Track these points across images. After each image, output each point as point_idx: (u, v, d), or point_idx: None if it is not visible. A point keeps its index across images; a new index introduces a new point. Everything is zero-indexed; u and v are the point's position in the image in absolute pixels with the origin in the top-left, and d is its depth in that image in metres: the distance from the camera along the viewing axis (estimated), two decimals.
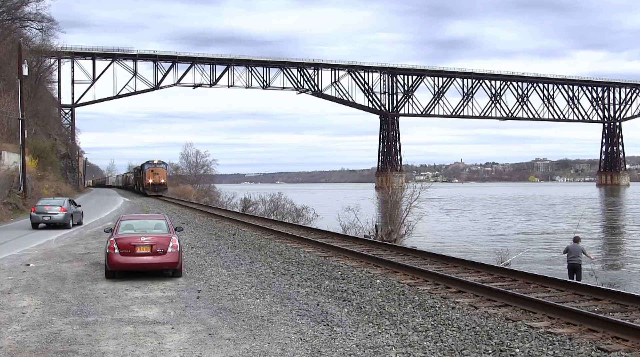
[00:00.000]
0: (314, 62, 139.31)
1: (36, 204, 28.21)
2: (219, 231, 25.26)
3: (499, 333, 8.67)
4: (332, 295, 11.67)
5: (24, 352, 8.06)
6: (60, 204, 27.67)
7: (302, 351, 7.96)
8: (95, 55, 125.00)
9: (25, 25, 70.70)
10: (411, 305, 10.65)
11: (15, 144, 45.12)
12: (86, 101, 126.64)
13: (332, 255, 17.52)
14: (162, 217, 15.75)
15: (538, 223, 49.88)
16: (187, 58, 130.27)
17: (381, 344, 8.24)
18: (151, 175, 67.88)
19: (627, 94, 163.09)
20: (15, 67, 47.04)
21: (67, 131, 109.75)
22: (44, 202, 28.17)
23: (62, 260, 17.04)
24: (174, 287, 12.71)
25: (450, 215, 60.02)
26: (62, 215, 27.04)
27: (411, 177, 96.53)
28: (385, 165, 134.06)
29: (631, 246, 34.87)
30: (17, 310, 10.65)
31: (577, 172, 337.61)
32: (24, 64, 41.41)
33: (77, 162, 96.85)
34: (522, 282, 12.75)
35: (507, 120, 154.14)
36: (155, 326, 9.41)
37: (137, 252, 13.47)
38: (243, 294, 11.79)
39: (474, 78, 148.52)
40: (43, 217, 26.90)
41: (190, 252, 18.21)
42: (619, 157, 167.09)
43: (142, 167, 70.90)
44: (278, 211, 43.75)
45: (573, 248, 18.41)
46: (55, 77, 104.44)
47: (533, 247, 31.19)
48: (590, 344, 8.08)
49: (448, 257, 16.55)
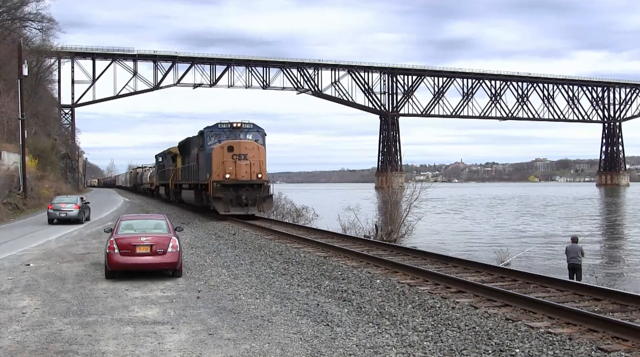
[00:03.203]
0: (314, 62, 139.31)
1: (52, 202, 31.40)
2: (219, 231, 25.25)
3: (499, 333, 8.67)
4: (332, 295, 11.66)
5: (24, 352, 8.06)
6: (74, 202, 30.99)
7: (302, 351, 7.96)
8: (95, 55, 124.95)
9: (25, 25, 70.70)
10: (411, 305, 10.65)
11: (15, 144, 45.12)
12: (86, 101, 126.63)
13: (332, 255, 17.51)
14: (162, 217, 15.77)
15: (538, 223, 49.87)
16: (187, 58, 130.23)
17: (381, 344, 8.24)
18: (229, 162, 29.13)
19: (627, 94, 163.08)
20: (15, 67, 47.04)
21: (67, 131, 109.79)
22: (60, 200, 31.43)
23: (62, 260, 17.04)
24: (174, 287, 12.71)
25: (450, 215, 60.00)
26: (77, 212, 30.15)
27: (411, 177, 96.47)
28: (385, 165, 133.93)
29: (631, 246, 34.86)
30: (17, 310, 10.65)
31: (577, 172, 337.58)
32: (24, 64, 41.44)
33: (77, 162, 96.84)
34: (522, 282, 12.75)
35: (507, 120, 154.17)
36: (155, 326, 9.41)
37: (137, 252, 13.49)
38: (243, 294, 11.79)
39: (474, 78, 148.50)
40: (60, 214, 29.86)
41: (190, 252, 18.21)
42: (619, 157, 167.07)
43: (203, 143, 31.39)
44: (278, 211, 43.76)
45: (571, 248, 18.45)
46: (55, 77, 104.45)
47: (533, 247, 31.17)
48: (590, 344, 8.08)
49: (448, 257, 16.55)
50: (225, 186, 28.96)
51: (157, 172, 55.16)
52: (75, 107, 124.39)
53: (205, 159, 30.38)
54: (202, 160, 31.30)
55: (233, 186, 28.97)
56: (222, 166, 28.85)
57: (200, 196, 32.83)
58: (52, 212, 29.98)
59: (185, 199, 39.17)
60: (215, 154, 29.31)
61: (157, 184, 55.23)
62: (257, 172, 29.08)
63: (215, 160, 29.17)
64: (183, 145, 38.75)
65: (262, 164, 29.37)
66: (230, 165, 28.82)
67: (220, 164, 28.94)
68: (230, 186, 28.97)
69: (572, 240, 18.85)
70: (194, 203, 35.67)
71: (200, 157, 31.83)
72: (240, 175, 28.96)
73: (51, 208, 30.25)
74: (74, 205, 30.34)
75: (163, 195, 50.48)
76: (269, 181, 30.31)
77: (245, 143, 29.56)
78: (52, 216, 29.94)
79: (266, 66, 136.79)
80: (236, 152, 29.03)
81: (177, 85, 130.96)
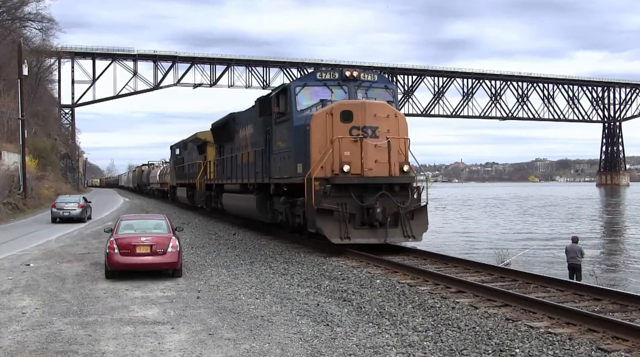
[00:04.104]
0: (314, 62, 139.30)
1: (56, 201, 32.07)
2: (219, 231, 25.25)
3: (499, 333, 8.67)
4: (332, 295, 11.66)
5: (24, 352, 8.06)
6: (77, 201, 31.78)
7: (302, 351, 7.96)
8: (95, 55, 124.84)
9: (25, 25, 70.69)
10: (411, 305, 10.65)
11: (15, 144, 45.14)
12: (86, 101, 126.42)
13: (332, 255, 17.49)
14: (162, 217, 15.78)
15: (538, 223, 49.86)
16: (187, 58, 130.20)
17: (381, 344, 8.24)
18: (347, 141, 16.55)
19: (627, 94, 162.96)
20: (15, 67, 47.05)
21: (67, 131, 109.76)
22: (63, 200, 32.18)
23: (62, 260, 17.05)
24: (174, 287, 12.71)
25: (450, 215, 60.00)
26: (79, 211, 30.92)
27: None
28: None
29: (631, 246, 34.85)
30: (17, 310, 10.65)
31: (577, 172, 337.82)
32: (24, 64, 41.47)
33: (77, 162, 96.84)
34: (522, 282, 12.75)
35: (507, 120, 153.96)
36: (155, 326, 9.41)
37: (137, 252, 13.50)
38: (243, 294, 11.79)
39: (474, 78, 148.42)
40: (63, 213, 30.56)
41: (190, 252, 18.21)
42: (619, 157, 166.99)
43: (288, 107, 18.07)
44: None
45: (571, 248, 18.49)
46: (55, 77, 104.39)
47: (533, 247, 31.17)
48: (590, 344, 8.07)
49: (448, 257, 16.54)
50: (340, 188, 16.45)
51: (173, 169, 43.19)
52: (75, 107, 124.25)
53: (294, 137, 17.53)
54: (285, 139, 18.39)
55: (357, 188, 16.49)
56: (332, 149, 16.42)
57: (268, 204, 20.83)
58: (56, 211, 30.74)
59: (230, 208, 27.10)
60: (317, 127, 16.64)
61: (173, 183, 44.03)
62: (399, 161, 17.15)
63: (317, 137, 16.64)
64: (223, 125, 27.28)
65: (404, 146, 17.45)
66: (348, 147, 16.50)
67: (328, 144, 16.47)
68: (348, 188, 16.43)
69: (572, 240, 18.87)
70: (252, 215, 23.00)
71: (278, 135, 18.93)
72: (368, 166, 16.53)
73: (55, 207, 31.04)
74: (77, 204, 31.26)
75: (184, 199, 39.53)
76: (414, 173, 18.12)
77: (375, 106, 16.90)
78: (55, 214, 30.69)
79: (266, 66, 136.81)
80: (358, 123, 16.51)
81: (177, 85, 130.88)
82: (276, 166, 19.27)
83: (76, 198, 33.33)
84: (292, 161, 17.78)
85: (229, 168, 26.60)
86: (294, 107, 17.81)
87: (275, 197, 20.10)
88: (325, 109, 16.84)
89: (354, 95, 17.76)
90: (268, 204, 20.95)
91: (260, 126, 21.03)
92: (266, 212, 21.23)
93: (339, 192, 16.49)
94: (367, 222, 16.57)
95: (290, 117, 17.92)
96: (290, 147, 18.01)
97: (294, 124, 17.64)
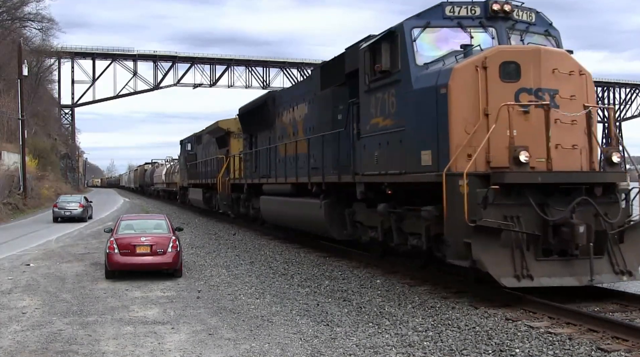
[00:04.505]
0: (314, 62, 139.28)
1: (57, 201, 32.51)
2: (219, 231, 25.26)
3: (499, 333, 8.67)
4: (332, 295, 11.67)
5: (24, 352, 8.06)
6: (78, 201, 32.28)
7: (302, 351, 7.96)
8: (95, 55, 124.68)
9: (25, 25, 70.70)
10: (411, 305, 10.65)
11: (15, 144, 45.15)
12: (86, 101, 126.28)
13: (332, 255, 17.48)
14: (162, 217, 15.80)
15: None
16: (187, 58, 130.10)
17: (381, 344, 8.24)
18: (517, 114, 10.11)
19: (627, 94, 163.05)
20: (15, 67, 47.06)
21: (67, 131, 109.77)
22: (64, 200, 32.62)
23: (62, 260, 17.05)
24: (174, 287, 12.72)
25: None
26: (80, 210, 31.36)
27: None
28: None
29: None
30: (17, 310, 10.66)
31: None
32: (24, 64, 41.52)
33: (77, 162, 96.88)
34: None
35: None
36: (155, 326, 9.41)
37: (137, 252, 13.52)
38: (243, 294, 11.79)
39: None
40: (65, 213, 30.94)
41: (190, 252, 18.21)
42: None
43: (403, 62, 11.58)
44: None
45: None
46: (55, 77, 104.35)
47: None
48: (590, 344, 8.07)
49: None
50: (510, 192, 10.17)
51: (184, 167, 38.11)
52: (75, 107, 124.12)
53: (413, 107, 11.45)
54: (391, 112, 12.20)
55: (537, 192, 10.31)
56: (496, 125, 10.12)
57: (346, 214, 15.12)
58: (57, 210, 31.15)
59: (272, 216, 21.20)
60: (461, 88, 10.52)
61: (183, 184, 38.91)
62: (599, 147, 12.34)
63: (462, 105, 10.52)
64: (256, 109, 22.10)
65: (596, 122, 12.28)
66: (518, 122, 10.27)
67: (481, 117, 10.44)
68: (524, 192, 10.20)
69: None
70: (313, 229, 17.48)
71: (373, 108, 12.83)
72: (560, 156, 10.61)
73: (56, 207, 31.46)
74: (78, 204, 31.72)
75: (198, 202, 33.77)
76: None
77: (554, 55, 11.14)
78: (57, 214, 31.07)
79: (266, 66, 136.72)
80: (529, 83, 10.58)
81: (177, 85, 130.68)
82: (369, 157, 12.97)
83: (77, 198, 33.79)
84: (409, 147, 11.51)
85: (265, 163, 21.09)
86: (411, 60, 11.53)
87: (361, 204, 14.24)
88: (474, 60, 10.60)
89: (505, 41, 11.53)
90: (347, 213, 15.01)
91: (325, 102, 15.72)
92: (342, 225, 15.26)
93: (508, 198, 10.08)
94: (554, 249, 10.22)
95: (406, 76, 11.59)
96: (403, 125, 11.67)
97: (414, 87, 11.34)
